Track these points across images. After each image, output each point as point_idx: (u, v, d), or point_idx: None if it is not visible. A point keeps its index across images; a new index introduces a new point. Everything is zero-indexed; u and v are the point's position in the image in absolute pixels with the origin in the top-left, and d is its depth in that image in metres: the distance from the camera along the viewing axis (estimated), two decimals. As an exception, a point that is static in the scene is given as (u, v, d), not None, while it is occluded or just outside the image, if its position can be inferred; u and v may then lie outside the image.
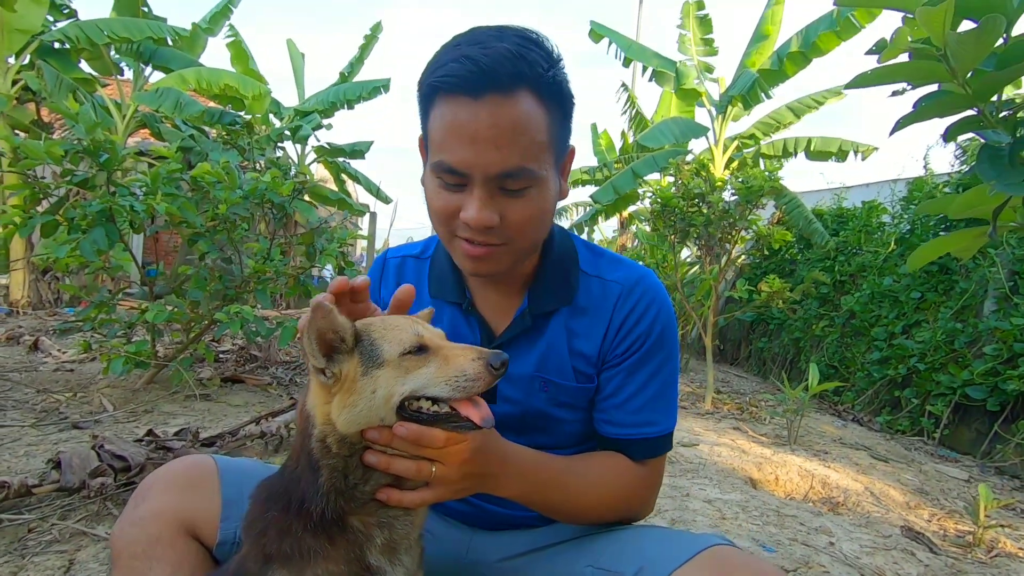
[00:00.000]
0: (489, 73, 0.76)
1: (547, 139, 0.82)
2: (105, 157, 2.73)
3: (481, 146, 0.77)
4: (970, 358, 4.36)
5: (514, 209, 0.82)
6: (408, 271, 1.05)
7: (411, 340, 0.70)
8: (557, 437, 0.97)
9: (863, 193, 7.39)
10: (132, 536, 0.85)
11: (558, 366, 0.95)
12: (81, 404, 2.97)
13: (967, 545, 2.10)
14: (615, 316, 0.94)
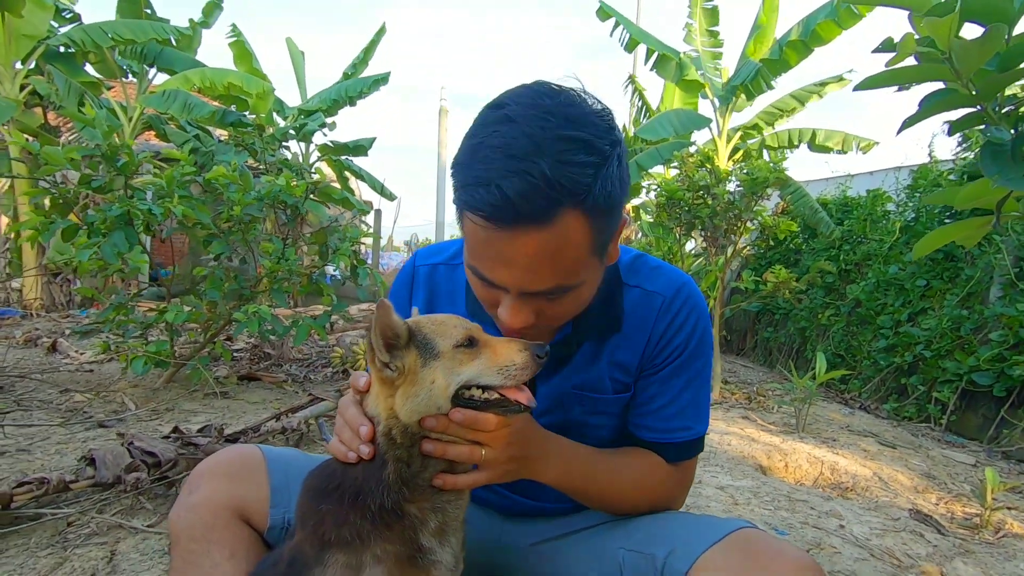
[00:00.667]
0: (520, 210, 0.69)
1: (590, 250, 0.77)
2: (122, 161, 2.78)
3: (516, 270, 0.75)
4: (976, 344, 4.39)
5: (552, 308, 0.81)
6: (440, 280, 1.03)
7: (461, 334, 0.77)
8: (590, 441, 0.99)
9: (868, 181, 7.39)
10: (189, 521, 0.91)
11: (596, 381, 0.97)
12: (104, 403, 3.04)
13: (974, 527, 2.15)
14: (656, 327, 0.95)
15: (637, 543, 0.91)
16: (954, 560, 1.78)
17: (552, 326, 0.88)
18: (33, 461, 2.17)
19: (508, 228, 0.71)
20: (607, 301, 0.94)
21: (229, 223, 3.12)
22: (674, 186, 4.80)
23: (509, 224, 0.71)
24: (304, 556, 0.77)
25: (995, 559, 1.82)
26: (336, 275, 3.69)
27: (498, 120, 0.73)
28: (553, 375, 0.96)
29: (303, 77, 9.98)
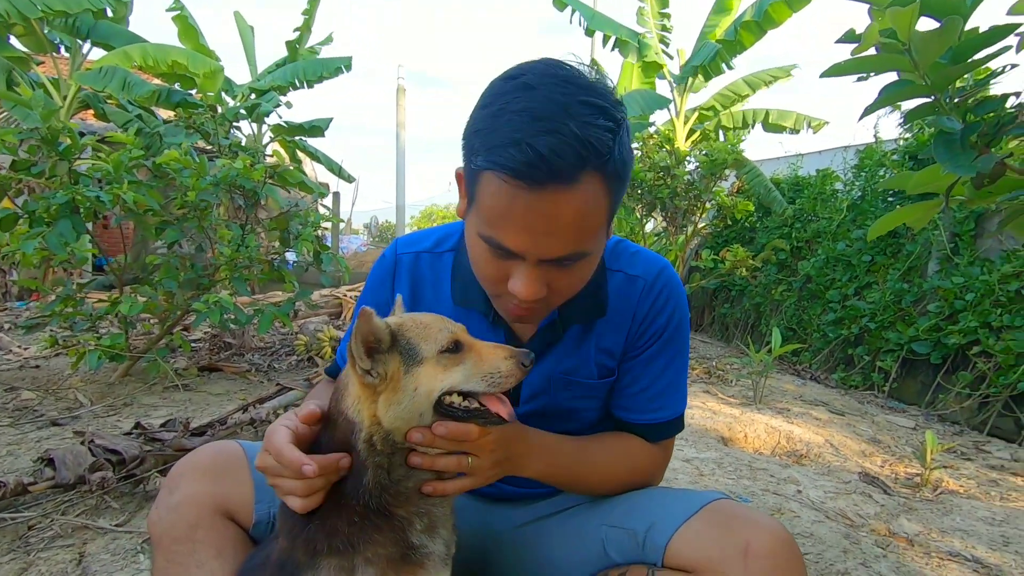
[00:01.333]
0: (553, 166, 0.70)
1: (605, 219, 0.80)
2: (64, 145, 2.62)
3: (538, 236, 0.75)
4: (915, 316, 4.68)
5: (562, 279, 0.82)
6: (424, 268, 1.03)
7: (446, 338, 0.75)
8: (576, 424, 1.04)
9: (817, 160, 7.68)
10: (171, 521, 0.89)
11: (583, 366, 0.99)
12: (56, 400, 2.91)
13: (916, 486, 2.32)
14: (639, 309, 0.98)
15: (617, 519, 0.95)
16: (899, 518, 1.92)
17: (553, 304, 0.87)
18: (-18, 464, 2.06)
19: (537, 188, 0.71)
20: (593, 285, 0.94)
21: (183, 209, 3.00)
22: (635, 167, 4.88)
23: (540, 182, 0.71)
24: (295, 561, 0.76)
25: (934, 515, 1.98)
26: (298, 261, 3.60)
27: (517, 88, 0.74)
28: (542, 360, 0.97)
29: (253, 53, 9.54)
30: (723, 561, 0.78)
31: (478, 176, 0.77)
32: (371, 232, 19.42)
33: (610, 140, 0.73)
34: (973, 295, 4.21)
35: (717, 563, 0.78)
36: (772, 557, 0.77)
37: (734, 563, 0.77)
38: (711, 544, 0.81)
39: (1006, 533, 1.82)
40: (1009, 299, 3.96)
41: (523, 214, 0.73)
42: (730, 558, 0.78)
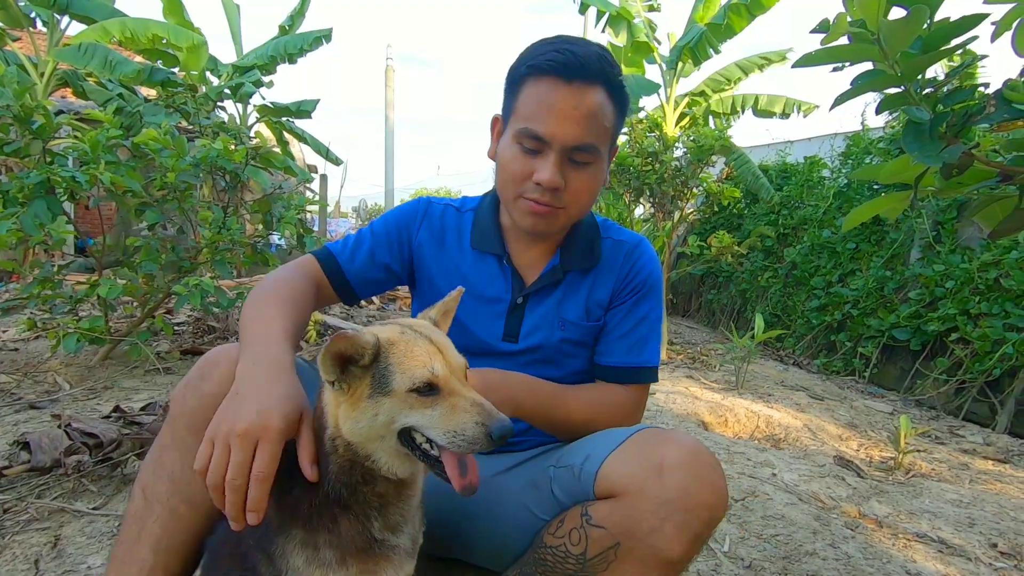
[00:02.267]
0: (583, 64, 0.95)
1: (611, 128, 1.01)
2: (38, 124, 2.56)
3: (565, 121, 0.96)
4: (897, 303, 4.74)
5: (577, 178, 1.00)
6: (450, 219, 1.17)
7: (423, 377, 0.71)
8: (564, 370, 1.14)
9: (805, 148, 7.71)
10: (193, 408, 0.88)
11: (576, 308, 1.12)
12: (34, 384, 2.88)
13: (889, 469, 2.37)
14: (624, 266, 1.13)
15: (560, 459, 1.02)
16: (870, 500, 1.96)
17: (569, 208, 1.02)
18: (-42, 447, 2.04)
19: (570, 82, 0.95)
20: (588, 238, 1.13)
21: (163, 191, 2.95)
22: (624, 152, 4.86)
23: (571, 77, 0.95)
24: (270, 521, 0.77)
25: (904, 497, 2.03)
26: (281, 244, 3.57)
27: (546, 39, 1.01)
28: (544, 300, 1.12)
29: (238, 32, 9.33)
30: (643, 479, 0.83)
31: (520, 87, 1.00)
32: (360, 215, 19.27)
33: (618, 73, 1.00)
34: (953, 283, 4.27)
35: (639, 481, 0.84)
36: (684, 468, 0.82)
37: (651, 478, 0.83)
38: (632, 466, 0.86)
39: (972, 515, 1.87)
40: (988, 287, 4.02)
41: (556, 101, 0.95)
42: (647, 474, 0.83)
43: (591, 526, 0.87)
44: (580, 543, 0.88)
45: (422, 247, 1.15)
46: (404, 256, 1.16)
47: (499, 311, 1.12)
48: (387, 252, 1.14)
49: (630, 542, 0.83)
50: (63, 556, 1.41)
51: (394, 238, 1.15)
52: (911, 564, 1.53)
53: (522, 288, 1.11)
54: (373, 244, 1.14)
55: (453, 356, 0.76)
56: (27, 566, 1.37)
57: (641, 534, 0.82)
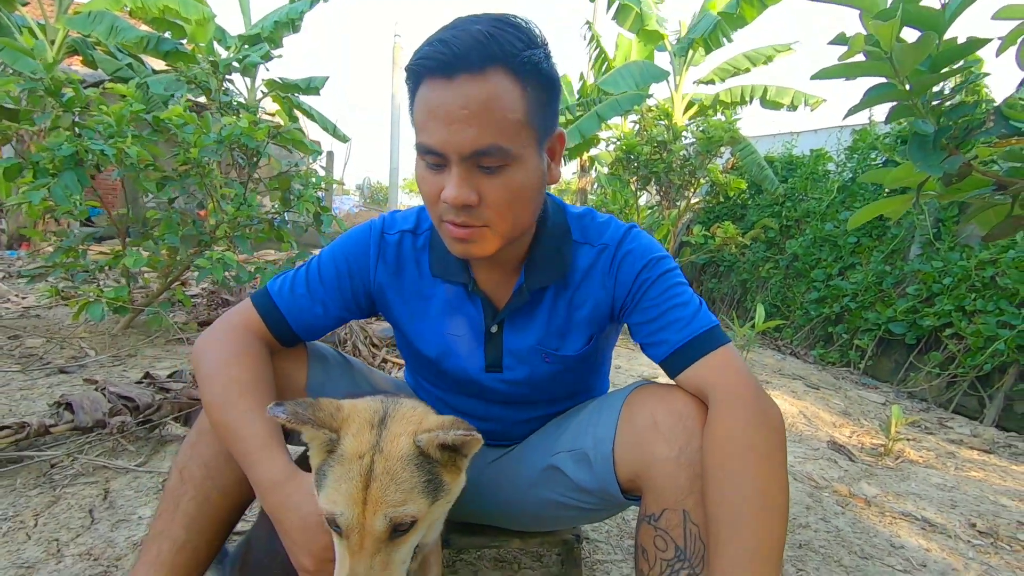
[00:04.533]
0: (461, 54, 0.77)
1: (523, 117, 0.81)
2: (68, 96, 2.63)
3: (455, 126, 0.78)
4: (895, 297, 4.85)
5: (492, 187, 0.82)
6: (406, 248, 1.03)
7: (329, 511, 0.67)
8: (563, 388, 1.08)
9: (811, 139, 7.75)
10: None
11: (559, 335, 1.00)
12: (60, 349, 2.98)
13: (879, 455, 2.50)
14: (611, 274, 0.98)
15: (563, 444, 1.03)
16: (860, 482, 2.09)
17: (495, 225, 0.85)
18: (0, 407, 2.15)
19: (452, 78, 0.77)
20: (554, 248, 0.98)
21: (186, 165, 3.02)
22: (633, 140, 4.92)
23: (454, 71, 0.77)
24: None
25: (892, 480, 2.15)
26: (297, 221, 3.65)
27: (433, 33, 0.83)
28: (523, 327, 1.00)
29: (247, 4, 9.26)
30: (652, 455, 0.86)
31: (413, 97, 0.84)
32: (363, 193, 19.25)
33: (521, 44, 0.79)
34: (951, 279, 4.37)
35: (649, 459, 0.87)
36: (672, 420, 0.87)
37: (656, 445, 0.86)
38: (640, 446, 0.89)
39: (955, 498, 2.00)
40: (984, 284, 4.13)
41: (439, 105, 0.78)
42: (654, 444, 0.87)
43: (657, 524, 0.85)
44: (666, 545, 0.84)
45: (383, 289, 1.03)
46: (360, 302, 1.04)
47: (476, 342, 1.02)
48: (339, 298, 1.02)
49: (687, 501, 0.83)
50: (115, 507, 1.53)
51: (344, 281, 1.01)
52: (895, 539, 1.66)
53: (494, 315, 0.99)
54: (323, 289, 1.01)
55: (374, 512, 0.65)
56: (83, 515, 1.48)
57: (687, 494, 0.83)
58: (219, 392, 0.89)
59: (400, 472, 0.66)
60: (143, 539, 0.95)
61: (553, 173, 0.92)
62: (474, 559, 1.42)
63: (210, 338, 0.97)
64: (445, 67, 0.78)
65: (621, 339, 4.84)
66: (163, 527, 0.94)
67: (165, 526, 0.94)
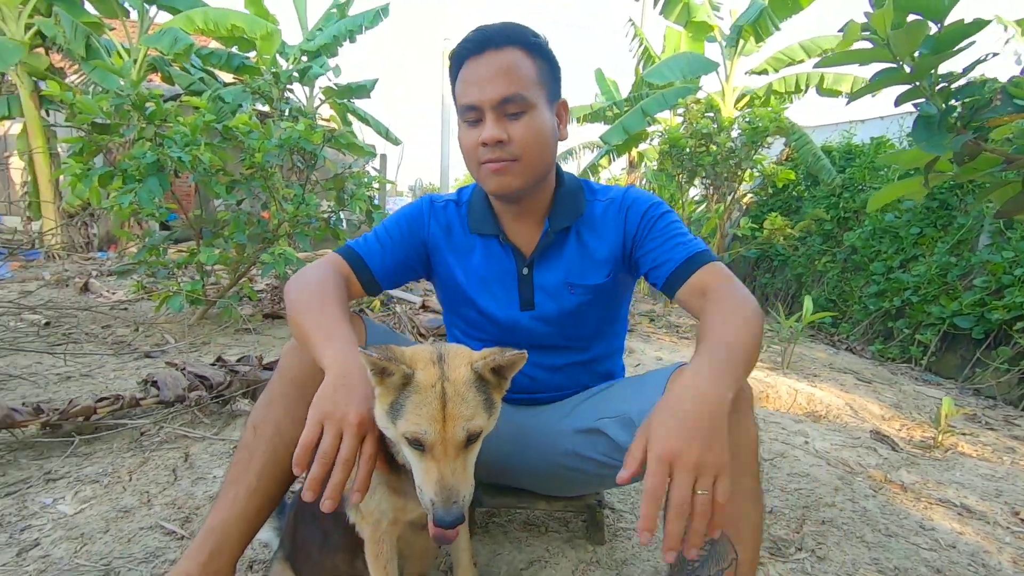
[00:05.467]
0: (488, 37, 1.08)
1: (535, 78, 1.09)
2: (151, 110, 2.93)
3: (485, 84, 1.06)
4: (961, 290, 4.61)
5: (516, 128, 1.08)
6: (451, 212, 1.27)
7: (414, 432, 0.79)
8: (586, 326, 1.24)
9: (875, 127, 7.40)
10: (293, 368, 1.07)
11: (580, 270, 1.20)
12: (144, 337, 3.32)
13: (927, 447, 2.44)
14: (620, 218, 1.19)
15: (606, 410, 1.15)
16: (899, 470, 2.06)
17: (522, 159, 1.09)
18: (97, 385, 2.45)
19: (482, 53, 1.08)
20: (571, 196, 1.22)
21: (251, 169, 3.29)
22: (678, 134, 4.90)
23: (483, 49, 1.08)
24: None
25: (935, 470, 2.11)
26: (351, 220, 3.88)
27: None
28: (549, 267, 1.20)
29: (304, 16, 9.76)
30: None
31: (455, 81, 1.12)
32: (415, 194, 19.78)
33: (528, 33, 1.10)
34: (1022, 270, 4.13)
35: None
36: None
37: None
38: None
39: (1000, 487, 1.94)
40: (1058, 275, 3.88)
41: (474, 72, 1.08)
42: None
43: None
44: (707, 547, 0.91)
45: (436, 239, 1.25)
46: (420, 251, 1.25)
47: (510, 285, 1.22)
48: (404, 247, 1.23)
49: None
50: (194, 467, 1.75)
51: (405, 233, 1.24)
52: (926, 521, 1.65)
53: (524, 259, 1.20)
54: (391, 241, 1.23)
55: (454, 426, 0.79)
56: (168, 473, 1.71)
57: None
58: (311, 293, 1.05)
59: (466, 393, 0.81)
60: (222, 483, 1.11)
61: (562, 131, 1.18)
62: (504, 522, 1.54)
63: (303, 270, 1.16)
64: (478, 46, 1.08)
65: (638, 325, 4.83)
66: (238, 474, 1.10)
67: (240, 474, 1.09)
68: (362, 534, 1.01)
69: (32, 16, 6.56)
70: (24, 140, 6.95)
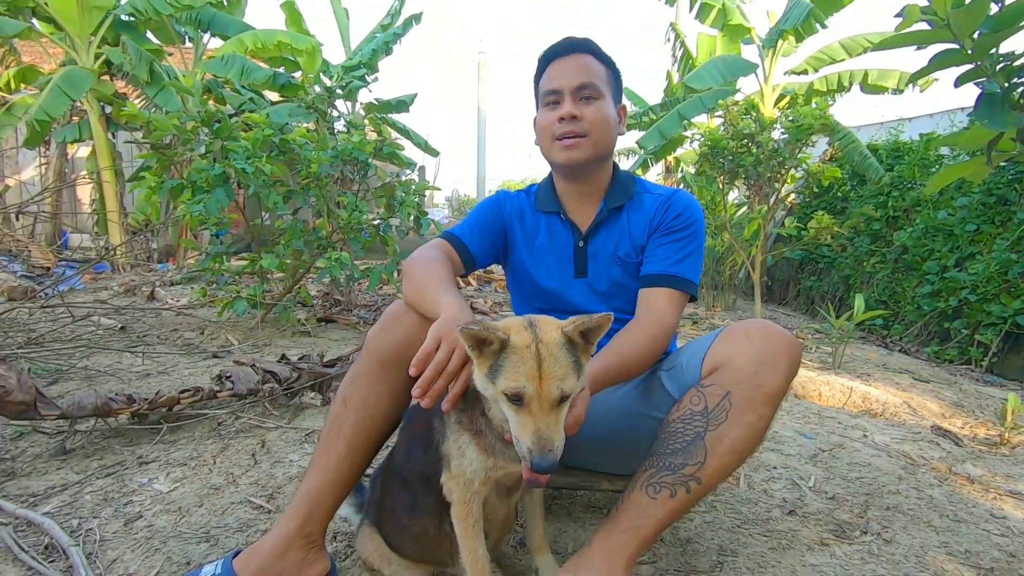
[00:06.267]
0: (571, 43, 1.37)
1: (604, 77, 1.36)
2: (218, 126, 3.13)
3: (567, 74, 1.33)
4: (1023, 288, 4.42)
5: (588, 110, 1.32)
6: (522, 199, 1.52)
7: (515, 388, 0.87)
8: (625, 300, 1.39)
9: (924, 125, 7.18)
10: (383, 348, 1.17)
11: (625, 248, 1.39)
12: (209, 340, 3.52)
13: (993, 444, 2.37)
14: (659, 212, 1.39)
15: (665, 364, 1.31)
16: (964, 463, 2.01)
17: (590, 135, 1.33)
18: (173, 381, 2.63)
19: (567, 54, 1.36)
20: (624, 182, 1.44)
21: (307, 180, 3.47)
22: (718, 135, 4.88)
23: (567, 52, 1.36)
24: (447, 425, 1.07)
25: (1004, 464, 2.05)
26: (399, 227, 4.02)
27: None
28: (601, 241, 1.40)
29: (347, 36, 10.14)
30: (734, 348, 1.11)
31: (539, 77, 1.40)
32: (452, 205, 20.07)
33: (599, 48, 1.39)
34: (1090, 265, 3.94)
35: (732, 351, 1.11)
36: (762, 329, 1.11)
37: (741, 345, 1.10)
38: (725, 344, 1.14)
39: (1076, 482, 1.88)
40: None
41: (561, 66, 1.35)
42: (738, 344, 1.11)
43: (705, 388, 1.11)
44: (700, 402, 1.10)
45: (511, 218, 1.48)
46: (501, 233, 1.48)
47: (567, 255, 1.42)
48: (491, 229, 1.46)
49: (739, 389, 1.06)
50: (271, 452, 1.86)
51: (490, 218, 1.47)
52: (997, 510, 1.61)
53: (580, 234, 1.41)
54: (480, 224, 1.45)
55: (549, 383, 0.87)
56: (248, 458, 1.83)
57: (745, 380, 1.06)
58: (426, 263, 1.25)
59: (559, 354, 0.90)
60: (313, 453, 1.20)
61: (621, 127, 1.42)
62: (568, 503, 1.59)
63: (418, 249, 1.37)
64: (565, 49, 1.37)
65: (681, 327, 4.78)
66: (329, 444, 1.19)
67: (330, 443, 1.19)
68: (450, 497, 1.08)
69: (100, 46, 7.05)
70: (93, 161, 7.43)
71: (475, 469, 1.02)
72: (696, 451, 1.07)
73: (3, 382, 1.67)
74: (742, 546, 1.37)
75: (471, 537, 1.08)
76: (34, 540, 1.36)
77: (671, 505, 1.07)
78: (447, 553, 1.17)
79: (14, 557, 1.29)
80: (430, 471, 1.08)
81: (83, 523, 1.43)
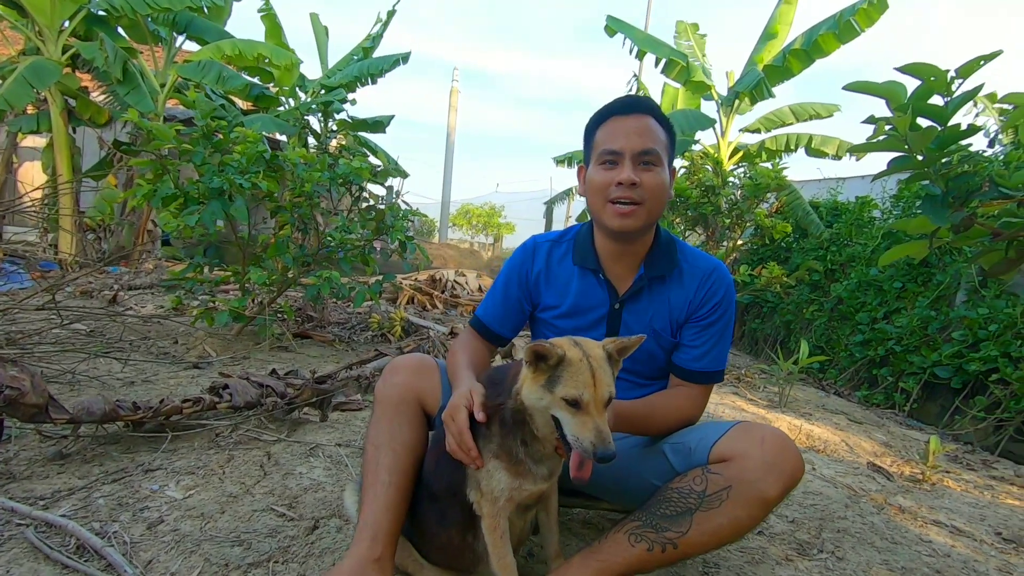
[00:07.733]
0: (635, 102, 1.37)
1: (664, 141, 1.35)
2: (217, 139, 3.19)
3: (630, 135, 1.31)
4: (940, 342, 4.97)
5: (647, 176, 1.31)
6: (555, 251, 1.51)
7: (574, 394, 1.02)
8: (652, 368, 1.46)
9: (858, 186, 7.94)
10: (389, 394, 1.36)
11: (661, 322, 1.41)
12: (185, 350, 3.48)
13: (917, 480, 2.70)
14: (700, 289, 1.40)
15: (676, 439, 1.35)
16: (896, 496, 2.32)
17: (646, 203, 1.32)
18: (160, 390, 2.62)
19: (627, 113, 1.35)
20: (667, 249, 1.43)
21: (300, 197, 3.55)
22: (684, 184, 5.28)
23: (630, 111, 1.35)
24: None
25: (927, 497, 2.37)
26: (384, 249, 4.13)
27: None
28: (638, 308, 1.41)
29: (325, 53, 10.22)
30: (747, 449, 1.17)
31: (595, 131, 1.38)
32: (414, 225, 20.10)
33: (661, 111, 1.38)
34: (996, 326, 4.49)
35: (746, 449, 1.18)
36: (777, 442, 1.18)
37: (754, 448, 1.17)
38: (739, 442, 1.20)
39: (984, 514, 2.20)
40: (1028, 331, 4.24)
41: (621, 126, 1.34)
42: (752, 446, 1.18)
43: (711, 473, 1.18)
44: (702, 483, 1.18)
45: (538, 284, 1.49)
46: (528, 290, 1.50)
47: (600, 316, 1.41)
48: (516, 303, 1.51)
49: (740, 486, 1.14)
50: (279, 463, 1.93)
51: (515, 292, 1.51)
52: (924, 536, 1.89)
53: (617, 296, 1.40)
54: (506, 301, 1.51)
55: (602, 389, 1.04)
56: (256, 468, 1.89)
57: (749, 481, 1.13)
58: (451, 355, 1.41)
59: (605, 367, 1.07)
60: (361, 493, 1.31)
61: (670, 191, 1.41)
62: (566, 520, 1.75)
63: (457, 339, 1.53)
64: (626, 108, 1.36)
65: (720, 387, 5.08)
66: (373, 478, 1.31)
67: (374, 477, 1.31)
68: (480, 511, 1.23)
69: (69, 39, 6.85)
70: (49, 154, 7.14)
71: (502, 489, 1.19)
72: (683, 522, 1.17)
73: (18, 384, 1.69)
74: (723, 560, 1.57)
75: (499, 546, 1.23)
76: (58, 541, 1.40)
77: (645, 556, 1.19)
78: (469, 562, 1.32)
79: (45, 556, 1.33)
80: (456, 488, 1.24)
81: (104, 526, 1.48)
